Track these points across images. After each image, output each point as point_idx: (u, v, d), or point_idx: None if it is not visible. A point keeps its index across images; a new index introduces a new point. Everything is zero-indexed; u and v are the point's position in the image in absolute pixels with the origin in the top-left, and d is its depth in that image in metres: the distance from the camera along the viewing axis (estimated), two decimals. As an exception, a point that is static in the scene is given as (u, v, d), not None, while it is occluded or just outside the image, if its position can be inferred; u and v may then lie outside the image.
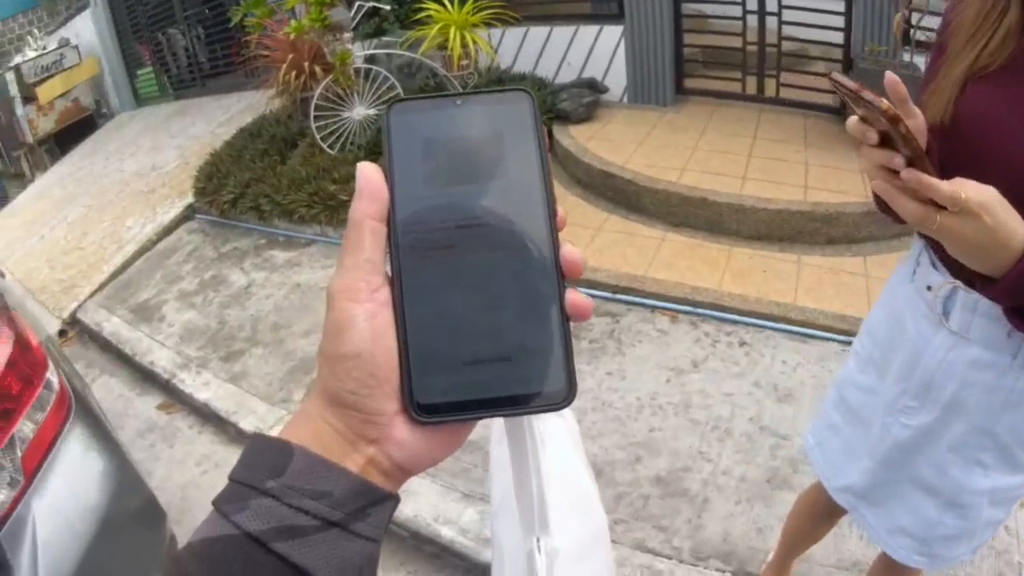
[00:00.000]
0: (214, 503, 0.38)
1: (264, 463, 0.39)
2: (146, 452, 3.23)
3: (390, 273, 0.42)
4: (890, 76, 0.82)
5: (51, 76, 10.23)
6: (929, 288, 1.14)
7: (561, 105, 5.15)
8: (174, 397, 3.61)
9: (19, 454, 1.61)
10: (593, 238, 3.98)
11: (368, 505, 0.39)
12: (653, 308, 3.38)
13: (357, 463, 0.40)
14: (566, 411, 0.94)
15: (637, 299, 3.43)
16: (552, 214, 0.42)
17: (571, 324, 0.42)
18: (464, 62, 5.15)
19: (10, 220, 7.93)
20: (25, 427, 1.65)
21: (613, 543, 2.18)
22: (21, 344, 1.77)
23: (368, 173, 0.42)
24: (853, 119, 0.84)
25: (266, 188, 5.03)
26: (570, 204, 4.42)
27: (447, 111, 0.43)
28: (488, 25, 5.16)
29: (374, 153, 4.97)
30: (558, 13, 5.67)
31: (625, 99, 5.47)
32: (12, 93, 10.50)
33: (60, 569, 1.57)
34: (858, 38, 4.45)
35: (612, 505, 2.35)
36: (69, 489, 1.69)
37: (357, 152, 5.08)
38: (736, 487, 2.36)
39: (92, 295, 4.82)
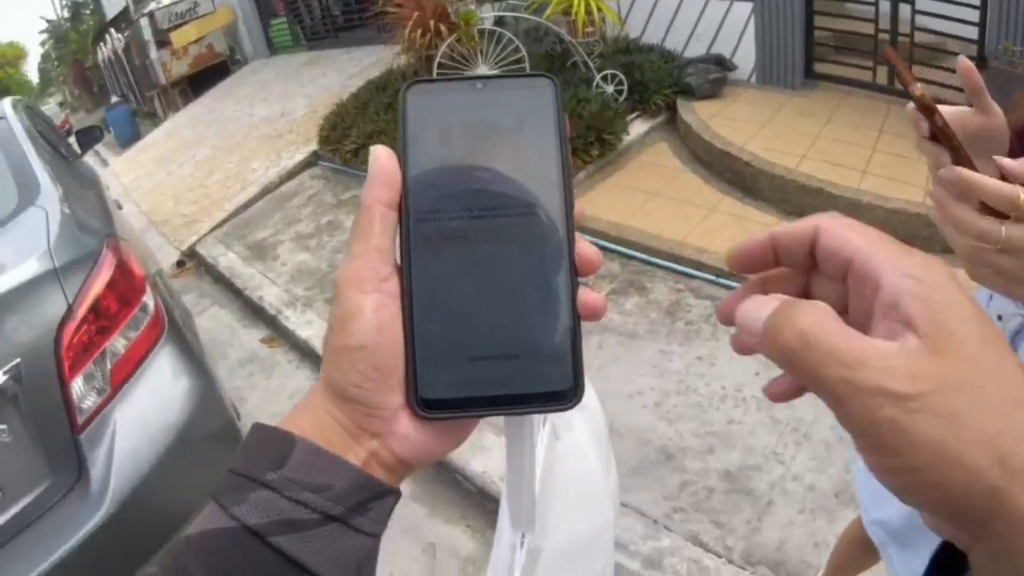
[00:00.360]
0: (212, 495, 0.38)
1: (264, 454, 0.38)
2: (244, 381, 3.45)
3: (399, 261, 0.40)
4: (963, 61, 0.72)
5: (184, 23, 10.83)
6: (1000, 318, 0.99)
7: (687, 79, 5.04)
8: (278, 332, 3.81)
9: (109, 366, 1.76)
10: (704, 218, 3.89)
11: (369, 499, 0.38)
12: (756, 297, 3.26)
13: (359, 456, 0.39)
14: (592, 403, 0.92)
15: (740, 285, 3.32)
16: (569, 207, 0.40)
17: (583, 322, 0.40)
18: (589, 29, 5.08)
19: (141, 155, 8.50)
20: (117, 343, 1.79)
21: (667, 530, 2.17)
22: (123, 270, 1.91)
23: (381, 157, 0.40)
24: (910, 106, 0.71)
25: (388, 141, 5.12)
26: (686, 181, 4.35)
27: (466, 95, 0.42)
28: (616, -7, 5.07)
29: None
30: (689, -15, 5.50)
31: (753, 79, 5.28)
32: (146, 37, 11.23)
33: (134, 473, 1.71)
34: (992, 35, 4.08)
35: (675, 492, 2.32)
36: (153, 403, 1.83)
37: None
38: (803, 495, 2.26)
39: (212, 231, 5.12)
